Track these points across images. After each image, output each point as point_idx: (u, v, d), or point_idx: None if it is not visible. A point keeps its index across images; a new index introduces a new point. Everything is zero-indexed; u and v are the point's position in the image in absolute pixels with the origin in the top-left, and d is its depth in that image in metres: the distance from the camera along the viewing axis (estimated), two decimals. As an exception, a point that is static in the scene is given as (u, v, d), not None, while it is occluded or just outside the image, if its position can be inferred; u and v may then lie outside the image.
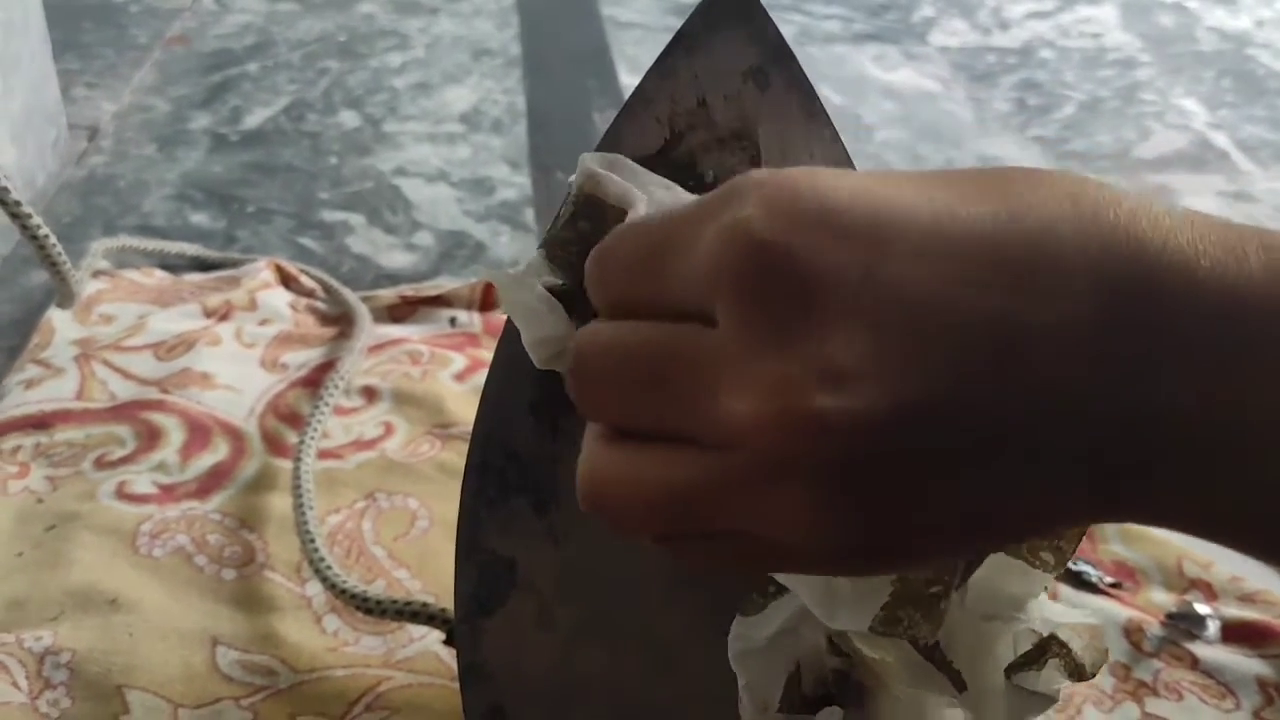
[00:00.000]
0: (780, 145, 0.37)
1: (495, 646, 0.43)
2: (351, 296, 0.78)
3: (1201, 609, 0.57)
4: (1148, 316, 0.23)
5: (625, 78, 1.19)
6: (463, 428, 0.67)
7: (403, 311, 0.79)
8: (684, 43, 0.37)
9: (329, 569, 0.54)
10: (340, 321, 0.77)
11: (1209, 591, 0.59)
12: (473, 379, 0.72)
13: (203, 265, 0.84)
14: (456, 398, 0.70)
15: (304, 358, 0.73)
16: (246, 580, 0.57)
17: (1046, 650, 0.33)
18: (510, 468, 0.40)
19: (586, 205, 0.31)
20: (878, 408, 0.23)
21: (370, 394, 0.70)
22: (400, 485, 0.63)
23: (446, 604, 0.48)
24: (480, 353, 0.74)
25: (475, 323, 0.78)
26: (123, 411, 0.67)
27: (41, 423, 0.66)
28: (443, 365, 0.73)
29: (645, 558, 0.33)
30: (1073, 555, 0.33)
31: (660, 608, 0.42)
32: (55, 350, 0.72)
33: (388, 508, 0.62)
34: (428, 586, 0.57)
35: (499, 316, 0.76)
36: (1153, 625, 0.57)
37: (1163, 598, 0.58)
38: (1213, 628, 0.56)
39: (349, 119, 1.09)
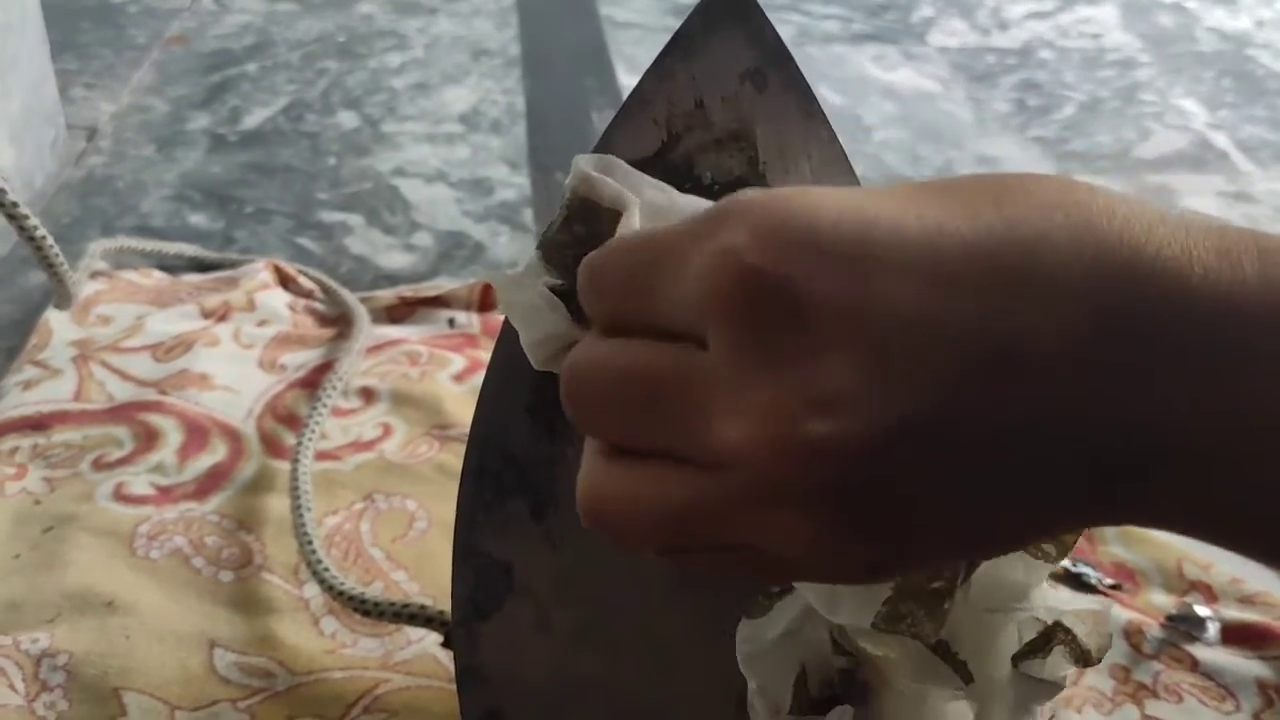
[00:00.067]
0: (778, 146, 0.37)
1: (492, 649, 0.43)
2: (350, 297, 0.78)
3: (1201, 611, 0.57)
4: (1141, 326, 0.23)
5: (624, 78, 1.19)
6: (461, 429, 0.67)
7: (401, 312, 0.79)
8: (681, 44, 0.37)
9: (327, 571, 0.54)
10: (338, 322, 0.77)
11: (1209, 593, 0.59)
12: (471, 380, 0.72)
13: (201, 266, 0.83)
14: (455, 399, 0.70)
15: (302, 359, 0.73)
16: (244, 582, 0.57)
17: (1051, 638, 0.33)
18: (507, 471, 0.40)
19: (580, 208, 0.31)
20: (869, 430, 0.23)
21: (368, 395, 0.70)
22: (398, 486, 0.63)
23: (444, 606, 0.48)
24: (479, 353, 0.74)
25: (474, 324, 0.78)
26: (120, 413, 0.67)
27: (39, 424, 0.66)
28: (441, 366, 0.73)
29: (642, 561, 0.33)
30: (1074, 545, 0.33)
31: (658, 610, 0.42)
32: (53, 351, 0.72)
33: (386, 509, 0.62)
34: (426, 588, 0.57)
35: (497, 317, 0.76)
36: (1152, 627, 0.57)
37: (1163, 599, 0.58)
38: (1213, 630, 0.56)
39: (348, 119, 1.09)
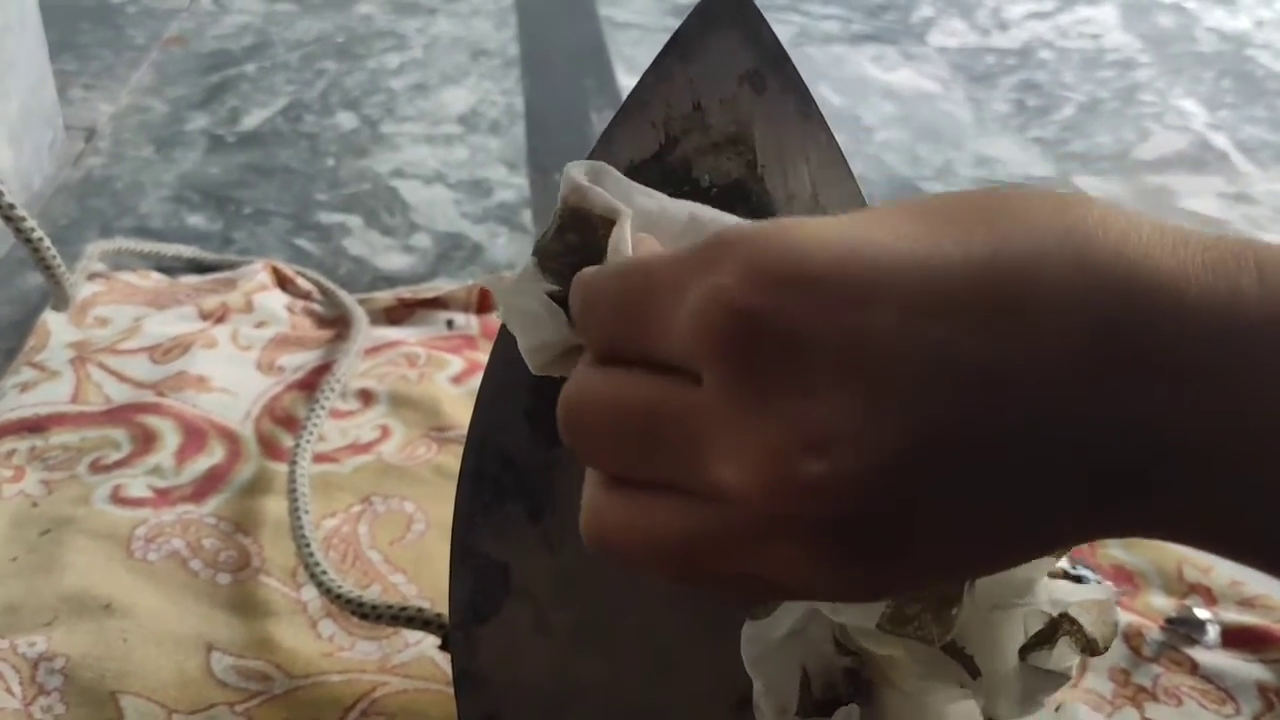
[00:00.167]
0: (776, 149, 0.37)
1: (490, 652, 0.43)
2: (348, 299, 0.78)
3: (1201, 614, 0.57)
4: (1138, 346, 0.23)
5: (623, 78, 1.19)
6: (459, 430, 0.66)
7: (400, 314, 0.79)
8: (679, 46, 0.37)
9: (324, 573, 0.54)
10: (337, 324, 0.77)
11: (1209, 596, 0.58)
12: (470, 382, 0.72)
13: (199, 267, 0.83)
14: (453, 400, 0.70)
15: (300, 360, 0.73)
16: (242, 585, 0.57)
17: (1058, 629, 0.33)
18: (505, 474, 0.40)
19: (572, 218, 0.31)
20: (865, 466, 0.23)
21: (367, 397, 0.70)
22: (396, 488, 0.63)
23: (442, 608, 0.48)
24: (477, 355, 0.74)
25: (472, 325, 0.78)
26: (118, 415, 0.67)
27: (37, 426, 0.66)
28: (439, 368, 0.73)
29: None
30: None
31: (656, 612, 0.42)
32: (50, 353, 0.72)
33: (384, 511, 0.62)
34: (424, 591, 0.57)
35: (496, 319, 0.76)
36: (1152, 630, 0.56)
37: (1162, 602, 0.58)
38: (1212, 633, 0.56)
39: (346, 120, 1.09)
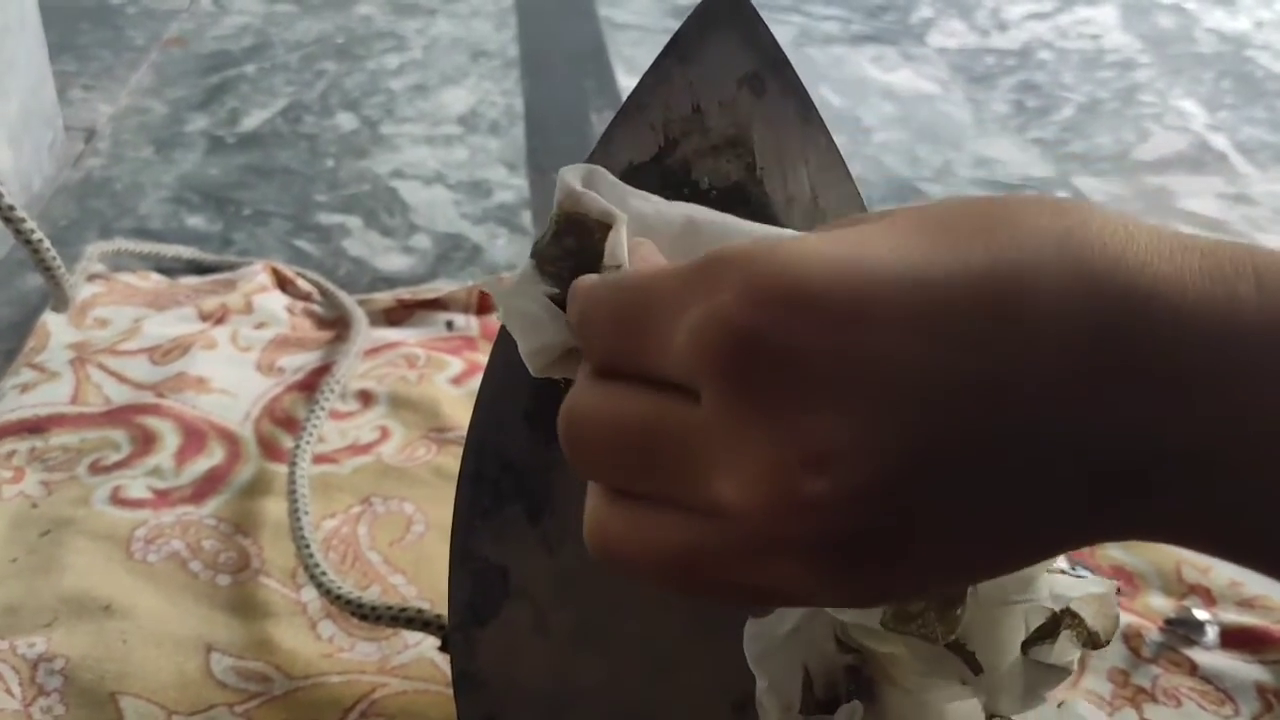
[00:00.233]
0: (776, 151, 0.37)
1: (490, 654, 0.43)
2: (348, 300, 0.78)
3: (1200, 614, 0.57)
4: (1137, 352, 0.23)
5: (623, 79, 1.19)
6: (459, 431, 0.67)
7: (399, 315, 0.79)
8: (678, 49, 0.37)
9: (324, 574, 0.54)
10: (336, 325, 0.77)
11: (1208, 597, 0.58)
12: (469, 383, 0.72)
13: (199, 268, 0.83)
14: (453, 401, 0.70)
15: (300, 361, 0.73)
16: (241, 586, 0.57)
17: (1059, 623, 0.33)
18: (504, 477, 0.40)
19: (568, 223, 0.31)
20: (864, 483, 0.23)
21: (366, 398, 0.70)
22: (396, 490, 0.63)
23: (442, 609, 0.48)
24: (477, 356, 0.74)
25: (472, 326, 0.78)
26: (118, 416, 0.67)
27: (36, 427, 0.66)
28: (439, 369, 0.73)
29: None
30: None
31: (655, 613, 0.42)
32: (50, 354, 0.72)
33: (383, 512, 0.62)
34: (423, 592, 0.57)
35: (495, 320, 0.76)
36: (1151, 631, 0.56)
37: (1161, 603, 0.58)
38: (1211, 633, 0.56)
39: (346, 121, 1.09)
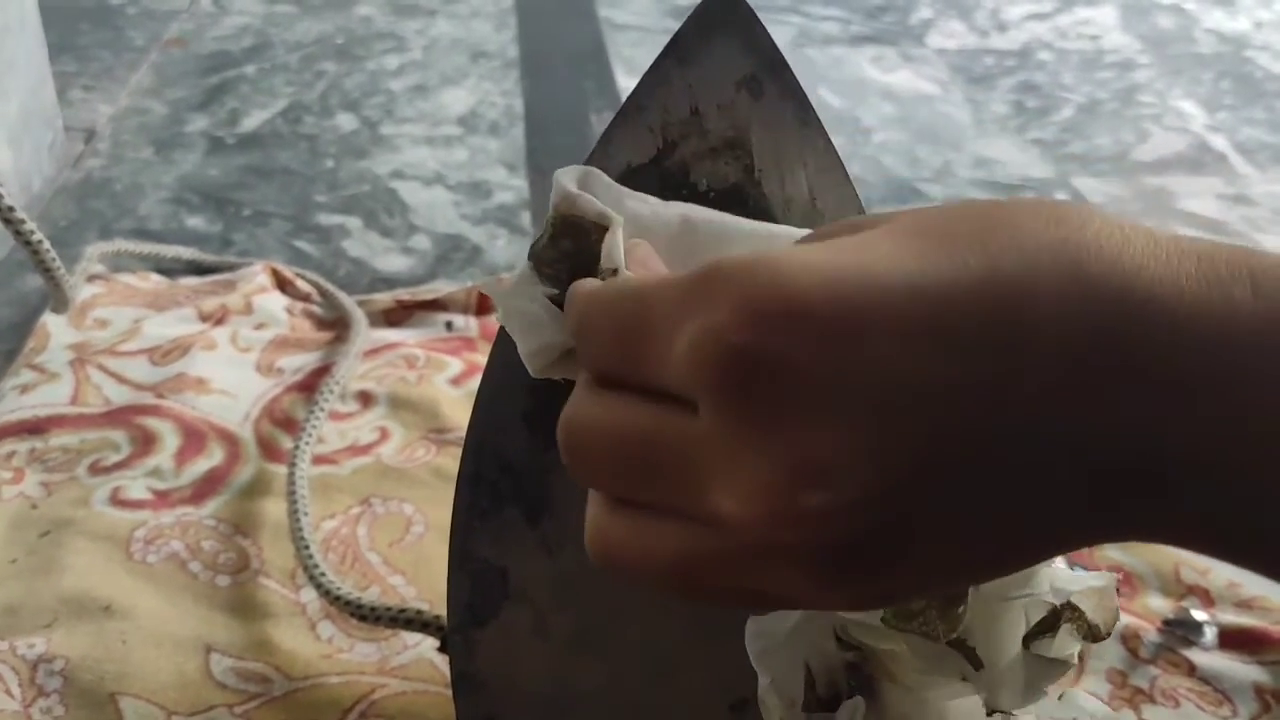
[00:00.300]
0: (774, 154, 0.37)
1: (489, 656, 0.43)
2: (347, 300, 0.78)
3: (1199, 615, 0.57)
4: (1135, 356, 0.24)
5: (623, 80, 1.19)
6: (458, 432, 0.67)
7: (399, 316, 0.79)
8: (677, 51, 0.37)
9: (323, 575, 0.54)
10: (336, 326, 0.77)
11: (1206, 598, 0.59)
12: (468, 383, 0.72)
13: (198, 269, 0.83)
14: (452, 402, 0.70)
15: (299, 362, 0.73)
16: (241, 587, 0.57)
17: (1060, 617, 0.34)
18: (503, 478, 0.40)
19: (565, 225, 0.31)
20: (862, 494, 0.24)
21: (366, 399, 0.70)
22: (395, 490, 0.63)
23: (441, 610, 0.48)
24: (476, 357, 0.74)
25: (471, 327, 0.78)
26: (117, 416, 0.67)
27: (36, 428, 0.66)
28: (438, 370, 0.73)
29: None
30: None
31: (654, 615, 0.42)
32: (50, 355, 0.72)
33: (383, 513, 0.62)
34: (422, 593, 0.57)
35: (495, 321, 0.76)
36: (1150, 632, 0.56)
37: (1160, 604, 0.58)
38: (1210, 634, 0.56)
39: (346, 122, 1.09)
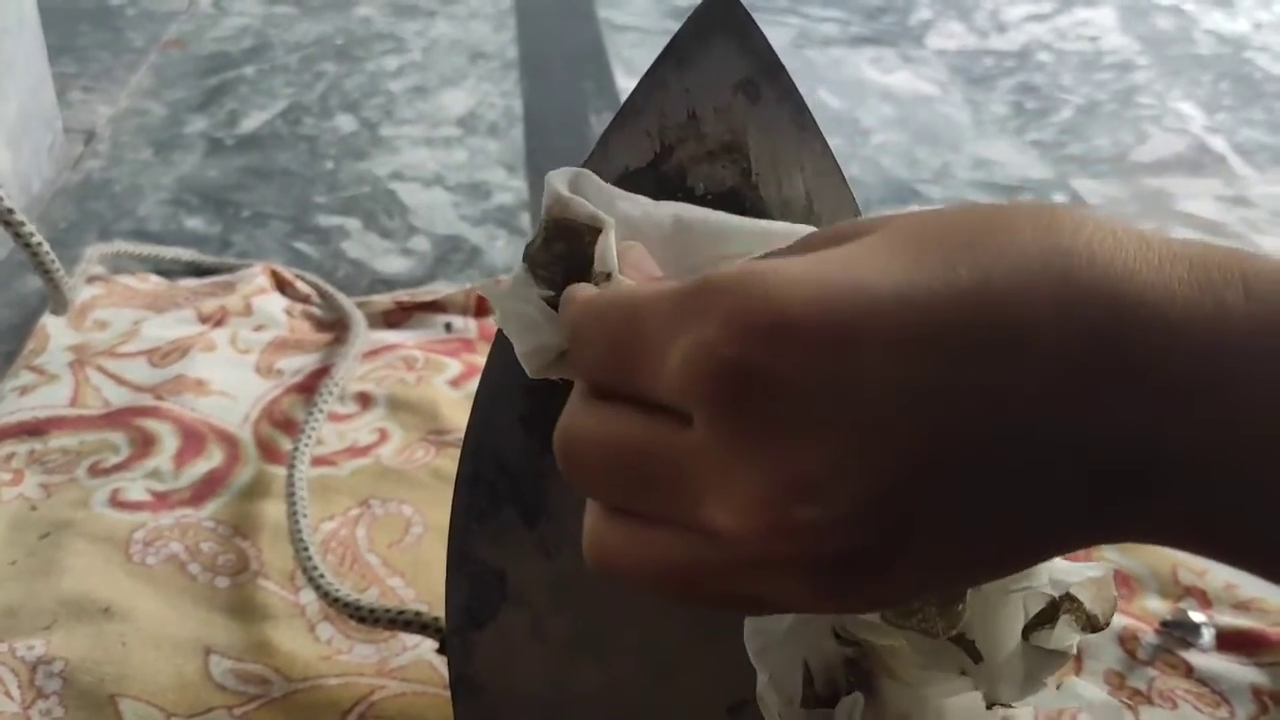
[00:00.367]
0: (771, 158, 0.37)
1: (487, 658, 0.43)
2: (347, 302, 0.78)
3: (1196, 617, 0.57)
4: (1129, 360, 0.24)
5: (622, 81, 1.19)
6: (458, 434, 0.67)
7: (398, 317, 0.79)
8: (674, 55, 0.37)
9: (322, 577, 0.54)
10: (335, 327, 0.77)
11: (1204, 599, 0.59)
12: (468, 385, 0.72)
13: (198, 270, 0.84)
14: (451, 404, 0.70)
15: (299, 363, 0.73)
16: (240, 588, 0.57)
17: (1058, 608, 0.34)
18: (501, 480, 0.40)
19: (558, 228, 0.32)
20: (856, 506, 0.24)
21: (365, 400, 0.70)
22: (394, 492, 0.63)
23: (440, 612, 0.48)
24: (475, 358, 0.74)
25: (471, 328, 0.78)
26: (117, 418, 0.67)
27: (36, 429, 0.66)
28: (438, 371, 0.73)
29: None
30: None
31: (653, 616, 0.42)
32: (50, 356, 0.72)
33: (382, 515, 0.62)
34: (421, 595, 0.57)
35: (494, 323, 0.76)
36: (1147, 633, 0.57)
37: (1157, 605, 0.58)
38: (1208, 636, 0.56)
39: (345, 123, 1.09)
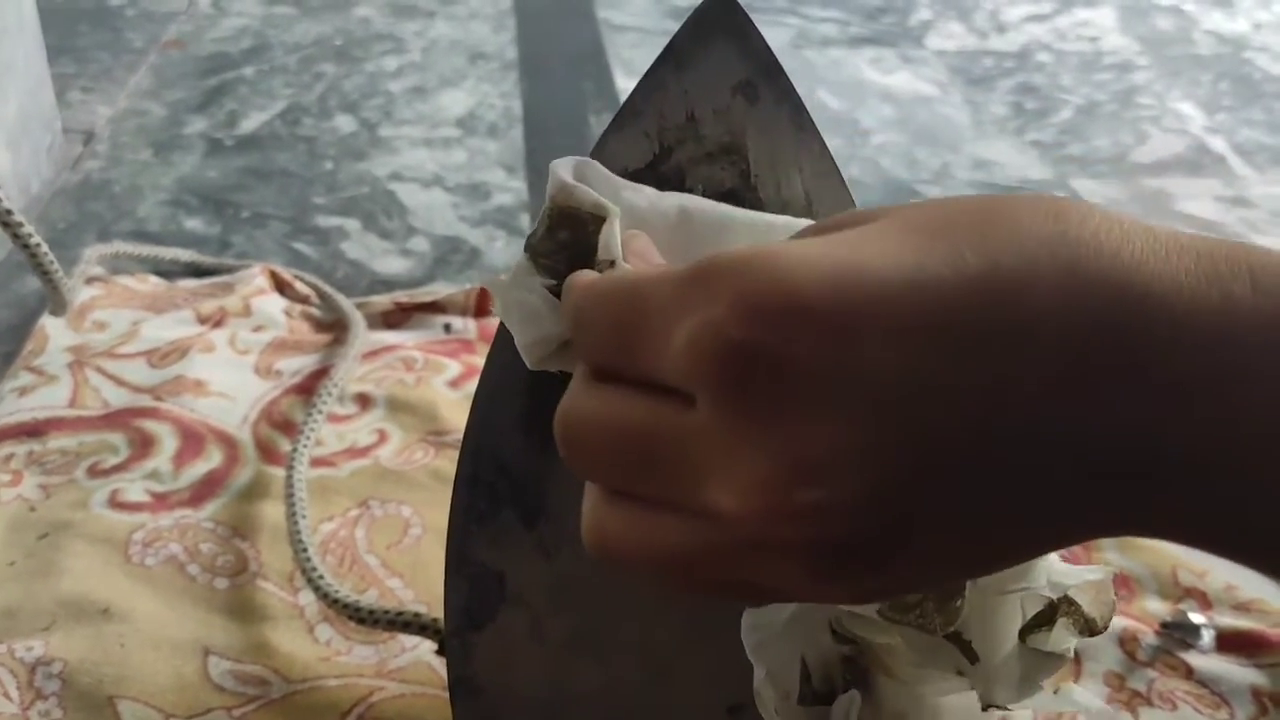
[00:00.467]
0: (770, 159, 0.37)
1: (486, 659, 0.43)
2: (346, 303, 0.78)
3: (1196, 618, 0.57)
4: (1132, 354, 0.24)
5: (621, 81, 1.19)
6: (457, 435, 0.67)
7: (397, 318, 0.79)
8: (673, 56, 0.37)
9: (321, 578, 0.54)
10: (334, 328, 0.77)
11: (1204, 600, 0.59)
12: (467, 386, 0.72)
13: (197, 271, 0.83)
14: (450, 405, 0.70)
15: (298, 364, 0.73)
16: (239, 589, 0.57)
17: (1056, 611, 0.34)
18: (500, 481, 0.40)
19: (562, 216, 0.32)
20: (859, 491, 0.24)
21: (364, 401, 0.70)
22: (394, 493, 0.63)
23: (439, 613, 0.48)
24: (475, 359, 0.74)
25: (470, 329, 0.78)
26: (116, 419, 0.67)
27: (35, 430, 0.66)
28: (437, 372, 0.73)
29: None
30: None
31: (651, 617, 0.42)
32: (49, 357, 0.72)
33: (381, 516, 0.62)
34: (420, 596, 0.57)
35: (493, 323, 0.76)
36: (1147, 634, 0.57)
37: (1157, 606, 0.58)
38: (1207, 637, 0.56)
39: (345, 123, 1.09)
